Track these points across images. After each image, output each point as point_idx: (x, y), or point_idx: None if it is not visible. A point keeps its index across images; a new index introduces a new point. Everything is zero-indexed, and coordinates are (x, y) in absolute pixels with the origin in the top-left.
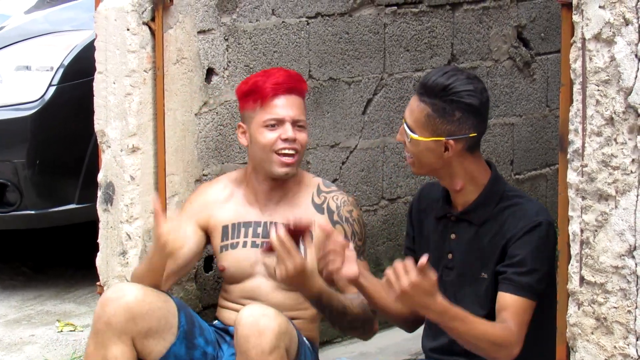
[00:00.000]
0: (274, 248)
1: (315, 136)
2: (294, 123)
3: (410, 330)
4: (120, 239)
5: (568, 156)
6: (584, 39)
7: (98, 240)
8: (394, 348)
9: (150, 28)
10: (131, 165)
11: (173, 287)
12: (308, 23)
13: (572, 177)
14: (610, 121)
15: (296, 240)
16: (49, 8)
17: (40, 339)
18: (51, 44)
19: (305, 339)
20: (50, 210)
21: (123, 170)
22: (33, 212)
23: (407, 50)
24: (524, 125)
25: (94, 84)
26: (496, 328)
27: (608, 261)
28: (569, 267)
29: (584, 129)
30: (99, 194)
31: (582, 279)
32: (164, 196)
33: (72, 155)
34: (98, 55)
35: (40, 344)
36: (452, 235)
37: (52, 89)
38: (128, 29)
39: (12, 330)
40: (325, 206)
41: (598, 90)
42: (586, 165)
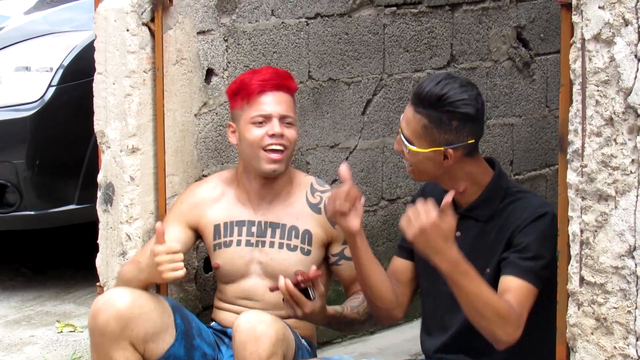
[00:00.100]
0: (282, 295)
1: (314, 137)
2: (282, 119)
3: (382, 320)
4: (120, 240)
5: (568, 156)
6: (584, 40)
7: (98, 240)
8: (394, 349)
9: (149, 29)
10: (131, 165)
11: (173, 288)
12: (307, 24)
13: (572, 178)
14: (609, 121)
15: (305, 286)
16: (49, 9)
17: (40, 340)
18: (51, 45)
19: (303, 341)
20: (50, 211)
21: (123, 170)
22: (33, 213)
23: (407, 50)
24: (524, 125)
25: (94, 85)
26: (503, 301)
27: (608, 261)
28: (569, 268)
29: (584, 130)
30: (99, 195)
31: (582, 280)
32: (164, 197)
33: (72, 155)
34: (98, 56)
35: (40, 345)
36: (457, 232)
37: (52, 90)
38: (128, 30)
39: (12, 330)
40: (322, 206)
41: (598, 90)
42: (586, 165)
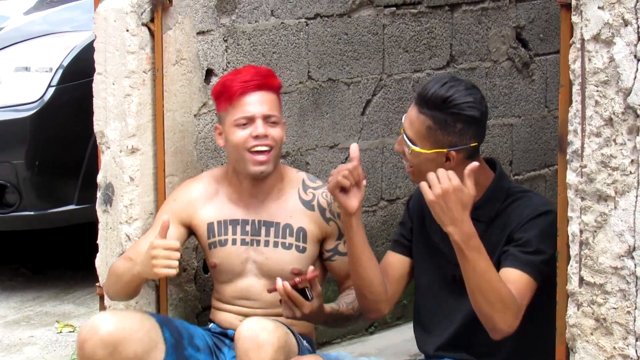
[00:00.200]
0: (280, 296)
1: (314, 137)
2: (266, 119)
3: (369, 313)
4: (119, 240)
5: (567, 157)
6: (583, 40)
7: (97, 241)
8: (393, 349)
9: (149, 29)
10: (130, 166)
11: (172, 289)
12: (307, 24)
13: (572, 178)
14: (609, 122)
15: (302, 287)
16: (48, 9)
17: (39, 340)
18: (50, 45)
19: (304, 342)
20: (49, 211)
21: (122, 171)
22: (32, 213)
23: (406, 51)
24: (523, 126)
25: (93, 85)
26: (507, 288)
27: (607, 262)
28: (569, 268)
29: (583, 130)
30: (99, 195)
31: (582, 280)
32: (164, 197)
33: (72, 156)
34: (97, 56)
35: (39, 345)
36: None
37: (52, 90)
38: (127, 30)
39: (12, 331)
40: (315, 203)
41: (597, 91)
42: (585, 166)
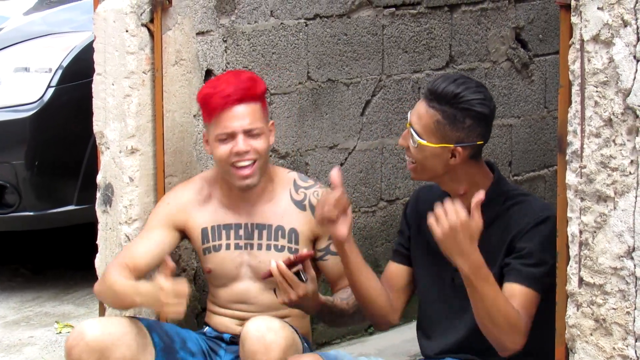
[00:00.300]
0: (275, 278)
1: (313, 137)
2: (247, 133)
3: (379, 325)
4: (119, 241)
5: (567, 157)
6: (583, 41)
7: (97, 241)
8: (393, 349)
9: (149, 29)
10: (130, 166)
11: None
12: (306, 24)
13: (571, 179)
14: (609, 122)
15: (296, 266)
16: (48, 9)
17: (39, 341)
18: (50, 46)
19: (305, 343)
20: (49, 211)
21: (122, 171)
22: (32, 214)
23: (406, 51)
24: (522, 126)
25: (93, 86)
26: (514, 310)
27: (607, 262)
28: (568, 268)
29: (583, 130)
30: (98, 196)
31: (581, 280)
32: None
33: (71, 156)
34: (97, 56)
35: (39, 346)
36: None
37: (51, 91)
38: (127, 31)
39: (11, 331)
40: (307, 203)
41: (597, 91)
42: (585, 166)
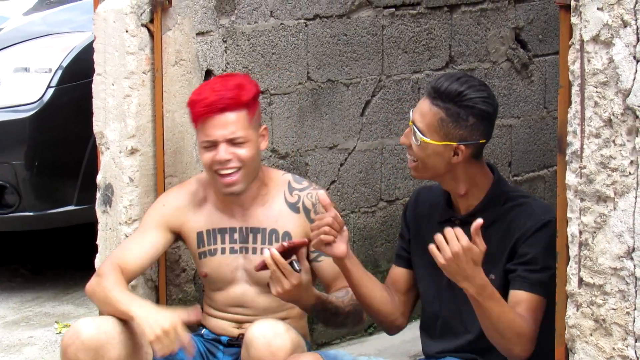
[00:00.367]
0: (268, 267)
1: (313, 138)
2: (230, 141)
3: (388, 330)
4: (119, 241)
5: (566, 158)
6: (582, 41)
7: (97, 241)
8: (392, 350)
9: (149, 30)
10: (130, 166)
11: (172, 289)
12: (306, 25)
13: (571, 179)
14: (608, 123)
15: (290, 256)
16: (48, 10)
17: (38, 341)
18: (50, 46)
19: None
20: (48, 211)
21: (122, 171)
22: (32, 214)
23: (405, 52)
24: (522, 127)
25: (93, 86)
26: (522, 320)
27: (607, 263)
28: (568, 269)
29: (583, 131)
30: (98, 196)
31: (581, 281)
32: None
33: (71, 156)
34: (97, 57)
35: (39, 346)
36: None
37: (51, 91)
38: (127, 31)
39: (11, 331)
40: (300, 205)
41: (596, 92)
42: (585, 166)
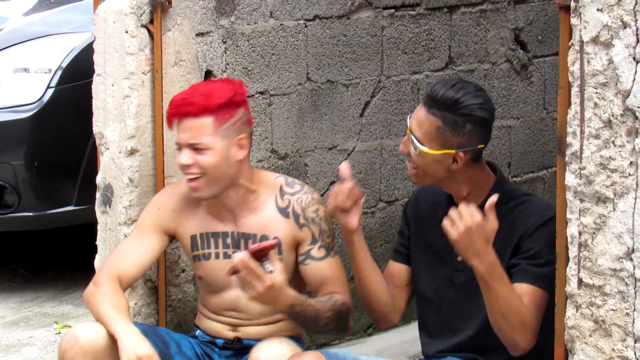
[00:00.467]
0: (240, 271)
1: (313, 138)
2: (191, 147)
3: (380, 323)
4: (118, 241)
5: (566, 159)
6: (582, 42)
7: (96, 242)
8: (392, 350)
9: (148, 30)
10: (130, 167)
11: (171, 289)
12: (306, 25)
13: (570, 180)
14: (608, 124)
15: (261, 258)
16: (47, 10)
17: (38, 341)
18: (49, 46)
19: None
20: (48, 212)
21: (121, 172)
22: (31, 214)
23: (405, 52)
24: (522, 127)
25: (93, 86)
26: (526, 309)
27: (606, 264)
28: (567, 270)
29: (582, 132)
30: (98, 196)
31: (580, 282)
32: None
33: (71, 157)
34: (96, 57)
35: (38, 346)
36: None
37: (51, 91)
38: (127, 32)
39: (10, 332)
40: (290, 210)
41: (596, 93)
42: (584, 167)
